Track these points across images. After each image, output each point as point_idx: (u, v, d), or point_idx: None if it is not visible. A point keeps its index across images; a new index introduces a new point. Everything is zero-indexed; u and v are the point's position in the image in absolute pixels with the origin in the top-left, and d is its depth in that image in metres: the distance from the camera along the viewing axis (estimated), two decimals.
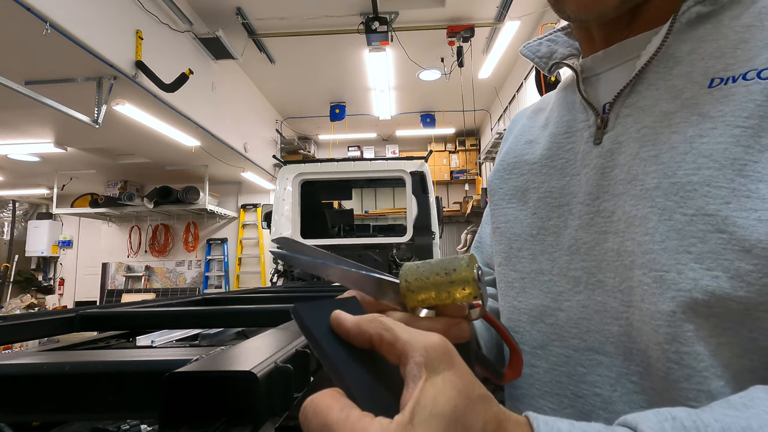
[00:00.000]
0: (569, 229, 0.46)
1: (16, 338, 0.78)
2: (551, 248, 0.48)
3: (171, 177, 6.28)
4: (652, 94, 0.42)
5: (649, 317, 0.37)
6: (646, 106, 0.42)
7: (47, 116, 3.73)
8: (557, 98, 0.55)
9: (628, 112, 0.44)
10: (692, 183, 0.36)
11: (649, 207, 0.38)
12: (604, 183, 0.43)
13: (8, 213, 7.60)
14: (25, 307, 6.30)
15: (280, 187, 3.68)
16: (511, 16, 4.33)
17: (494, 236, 0.57)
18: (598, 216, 0.43)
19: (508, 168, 0.57)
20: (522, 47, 0.58)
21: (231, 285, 7.09)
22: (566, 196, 0.48)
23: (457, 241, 7.05)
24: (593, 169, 0.45)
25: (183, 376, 0.32)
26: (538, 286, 0.48)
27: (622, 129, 0.44)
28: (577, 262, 0.45)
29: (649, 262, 0.37)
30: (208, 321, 0.99)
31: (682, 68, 0.41)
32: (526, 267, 0.50)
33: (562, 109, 0.52)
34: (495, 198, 0.58)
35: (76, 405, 0.39)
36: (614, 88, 0.46)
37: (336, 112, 6.67)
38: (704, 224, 0.35)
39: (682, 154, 0.37)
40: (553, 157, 0.50)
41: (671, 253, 0.36)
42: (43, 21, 2.46)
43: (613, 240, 0.41)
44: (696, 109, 0.38)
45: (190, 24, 4.01)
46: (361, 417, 0.23)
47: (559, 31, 0.57)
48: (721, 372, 0.34)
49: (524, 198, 0.53)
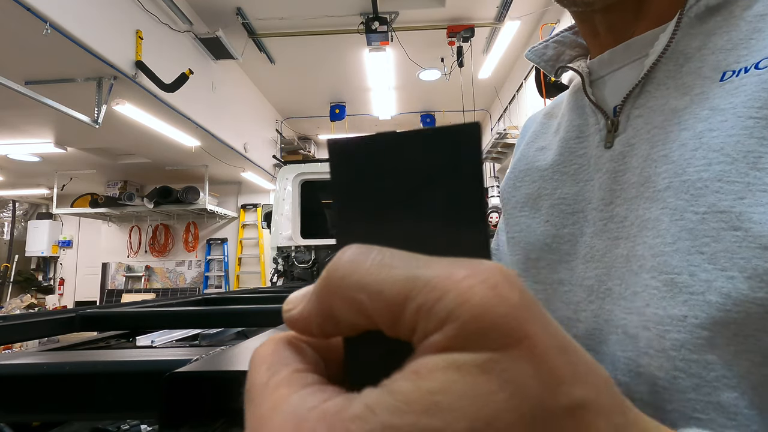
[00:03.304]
0: (585, 236, 0.45)
1: (16, 338, 0.78)
2: (568, 257, 0.46)
3: (171, 177, 6.28)
4: (662, 93, 0.41)
5: (654, 323, 0.35)
6: (657, 106, 0.41)
7: (47, 116, 3.73)
8: (568, 102, 0.54)
9: (638, 113, 0.42)
10: (703, 179, 0.34)
11: (661, 209, 0.36)
12: (617, 187, 0.42)
13: (8, 213, 7.60)
14: (25, 307, 6.31)
15: (280, 187, 3.68)
16: (511, 16, 4.33)
17: (509, 246, 0.55)
18: (612, 222, 0.42)
19: (519, 176, 0.55)
20: (528, 51, 0.56)
21: (231, 285, 7.09)
22: (580, 203, 0.46)
23: None
24: (606, 173, 0.43)
25: (183, 376, 0.32)
26: (559, 297, 0.47)
27: (633, 131, 0.42)
28: (591, 270, 0.43)
29: (660, 265, 0.35)
30: (208, 321, 0.99)
31: (692, 64, 0.39)
32: (546, 278, 0.48)
33: (573, 114, 0.51)
34: (508, 207, 0.56)
35: (76, 405, 0.39)
36: (623, 89, 0.44)
37: (336, 112, 6.67)
38: (717, 222, 0.33)
39: (692, 150, 0.36)
40: (565, 162, 0.49)
41: (683, 254, 0.34)
42: (43, 21, 2.46)
43: (624, 246, 0.40)
44: (706, 103, 0.37)
45: (190, 24, 4.01)
46: (284, 381, 0.15)
47: (565, 31, 0.54)
48: (736, 382, 0.31)
49: (536, 205, 0.51)
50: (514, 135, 5.05)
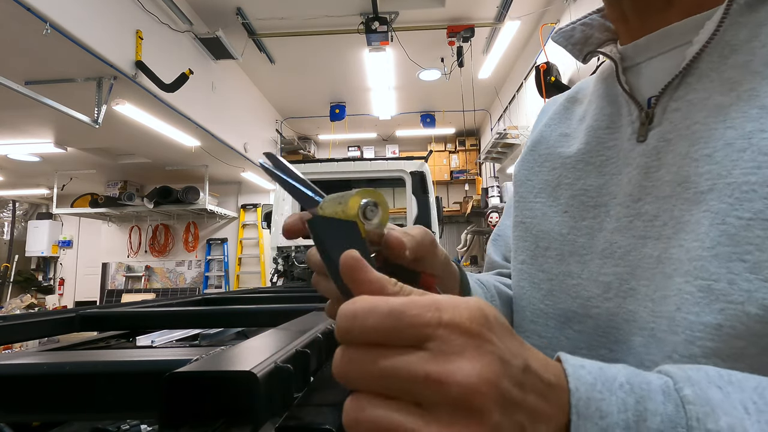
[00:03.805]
0: (604, 231, 0.43)
1: (16, 338, 0.78)
2: (582, 250, 0.44)
3: (171, 177, 6.28)
4: (705, 87, 0.38)
5: (684, 328, 0.33)
6: (698, 100, 0.38)
7: (47, 116, 3.73)
8: (595, 88, 0.51)
9: (676, 106, 0.40)
10: (750, 183, 0.32)
11: (703, 212, 0.34)
12: (648, 184, 0.40)
13: (8, 213, 7.60)
14: (25, 307, 6.30)
15: (280, 187, 3.68)
16: (511, 16, 4.33)
17: (517, 230, 0.53)
18: (638, 219, 0.40)
19: (539, 160, 0.53)
20: (554, 34, 0.52)
21: (231, 285, 7.09)
22: (604, 196, 0.44)
23: (457, 241, 7.05)
24: (636, 168, 0.41)
25: (183, 376, 0.32)
26: (565, 290, 0.45)
27: (669, 125, 0.40)
28: (610, 266, 0.41)
29: (696, 270, 0.33)
30: (208, 321, 0.99)
31: (739, 57, 0.37)
32: (553, 268, 0.47)
33: (603, 101, 0.48)
34: (522, 190, 0.54)
35: (76, 405, 0.39)
36: (660, 79, 0.41)
37: (336, 112, 6.67)
38: (763, 230, 0.31)
39: (739, 151, 0.33)
40: (591, 152, 0.46)
41: (722, 260, 0.32)
42: (43, 21, 2.46)
43: (654, 246, 0.38)
44: (756, 101, 0.34)
45: (190, 24, 4.01)
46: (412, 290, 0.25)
47: (594, 13, 0.51)
48: None
49: (555, 194, 0.49)
50: (514, 135, 5.05)
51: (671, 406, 0.23)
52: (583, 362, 0.25)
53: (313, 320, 0.67)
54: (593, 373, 0.24)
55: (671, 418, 0.23)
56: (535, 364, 0.23)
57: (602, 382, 0.24)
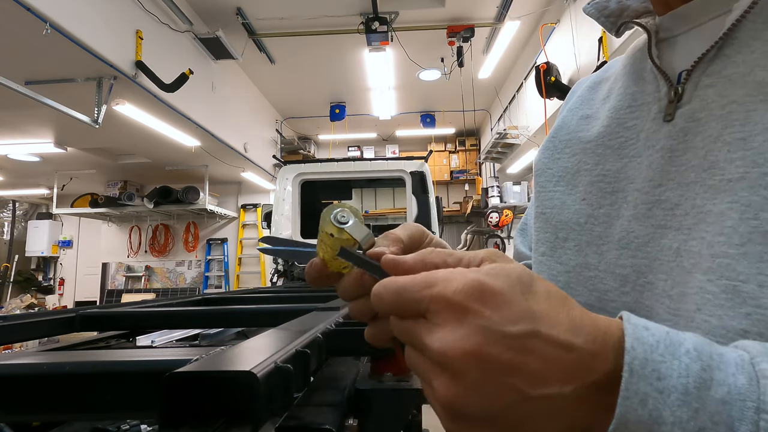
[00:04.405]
0: (621, 219, 0.39)
1: (16, 338, 0.78)
2: (599, 240, 0.41)
3: (171, 177, 6.28)
4: (745, 59, 0.33)
5: (704, 331, 0.31)
6: (736, 75, 0.33)
7: (47, 116, 3.73)
8: (623, 66, 0.47)
9: (710, 81, 0.35)
10: None
11: (729, 202, 0.31)
12: (671, 168, 0.36)
13: (8, 213, 7.60)
14: (25, 307, 6.30)
15: (280, 187, 3.68)
16: (511, 16, 4.33)
17: (538, 221, 0.50)
18: (658, 207, 0.36)
19: (559, 146, 0.49)
20: (587, 5, 0.48)
21: (231, 285, 7.09)
22: (621, 181, 0.40)
23: (457, 241, 7.05)
24: (659, 150, 0.37)
25: (183, 376, 0.32)
26: (582, 283, 0.42)
27: (700, 103, 0.35)
28: (627, 258, 0.38)
29: (720, 268, 0.31)
30: (208, 321, 0.99)
31: None
32: (571, 260, 0.44)
33: (628, 79, 0.44)
34: (541, 179, 0.50)
35: (76, 405, 0.39)
36: (695, 52, 0.36)
37: (336, 112, 6.67)
38: None
39: None
40: (611, 135, 0.43)
41: (752, 260, 0.29)
42: (43, 21, 2.46)
43: (674, 237, 0.35)
44: None
45: (190, 24, 4.01)
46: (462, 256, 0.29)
47: None
48: None
49: (574, 181, 0.46)
50: (514, 135, 5.05)
51: (743, 378, 0.22)
52: (648, 324, 0.25)
53: (313, 320, 0.67)
54: (657, 336, 0.24)
55: (740, 391, 0.22)
56: (555, 330, 0.24)
57: (666, 345, 0.24)
